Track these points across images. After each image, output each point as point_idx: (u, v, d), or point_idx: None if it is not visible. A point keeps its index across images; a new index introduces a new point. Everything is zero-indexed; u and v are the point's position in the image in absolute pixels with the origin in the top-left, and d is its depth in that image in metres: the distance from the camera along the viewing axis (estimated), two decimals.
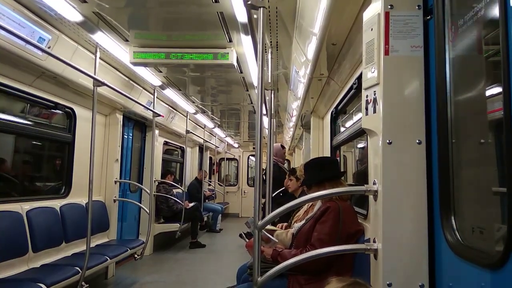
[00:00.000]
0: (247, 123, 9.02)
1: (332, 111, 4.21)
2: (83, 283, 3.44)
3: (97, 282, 4.62)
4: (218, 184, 12.69)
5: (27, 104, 3.92)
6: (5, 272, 3.14)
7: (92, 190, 3.65)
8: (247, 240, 4.94)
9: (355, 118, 3.71)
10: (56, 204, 4.07)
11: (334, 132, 4.29)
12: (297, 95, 4.67)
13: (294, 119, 6.13)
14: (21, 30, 2.94)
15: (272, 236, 2.59)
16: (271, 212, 3.57)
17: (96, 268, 3.76)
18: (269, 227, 2.71)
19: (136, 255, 4.92)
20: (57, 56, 3.10)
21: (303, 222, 2.45)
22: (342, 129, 4.08)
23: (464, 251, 1.20)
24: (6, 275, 3.11)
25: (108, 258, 3.99)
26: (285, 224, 3.00)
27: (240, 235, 5.78)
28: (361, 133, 2.90)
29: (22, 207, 3.52)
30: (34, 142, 4.41)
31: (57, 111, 4.32)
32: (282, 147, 5.62)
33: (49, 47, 3.30)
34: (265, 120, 5.55)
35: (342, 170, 4.02)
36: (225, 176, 13.45)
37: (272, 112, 4.31)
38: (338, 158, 4.16)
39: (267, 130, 4.60)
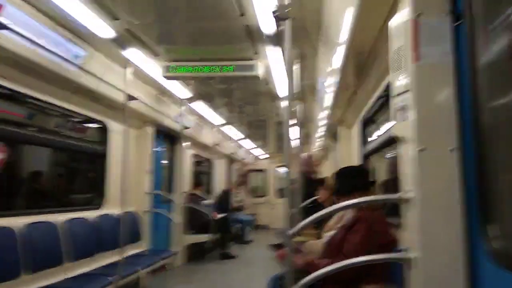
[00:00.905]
0: (275, 134, 9.05)
1: (361, 120, 4.17)
2: None
3: None
4: (247, 195, 12.73)
5: (64, 119, 4.10)
6: (42, 282, 3.24)
7: (124, 202, 3.76)
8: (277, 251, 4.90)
9: (385, 127, 3.67)
10: (90, 215, 4.20)
11: (363, 141, 4.24)
12: (324, 105, 4.67)
13: (321, 129, 6.11)
14: (58, 48, 3.10)
15: (303, 246, 2.58)
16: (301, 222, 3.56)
17: (129, 278, 3.84)
18: (299, 238, 2.70)
19: (168, 265, 4.99)
20: (91, 72, 3.24)
21: (334, 231, 2.43)
22: (372, 138, 4.03)
23: (507, 261, 1.16)
24: (43, 285, 3.22)
25: (141, 268, 4.08)
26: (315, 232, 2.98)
27: (270, 246, 5.75)
28: (392, 141, 2.86)
29: (58, 218, 3.65)
30: (69, 155, 4.59)
31: (91, 125, 4.49)
32: (310, 157, 5.60)
33: (83, 64, 3.45)
34: (293, 131, 5.57)
35: (372, 180, 3.97)
36: (253, 187, 13.47)
37: (300, 123, 4.32)
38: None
39: (294, 141, 4.60)
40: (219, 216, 7.63)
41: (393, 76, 1.63)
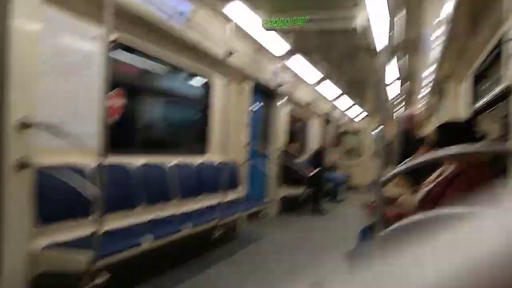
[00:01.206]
0: (373, 94, 8.68)
1: (471, 74, 3.81)
2: (217, 229, 3.91)
3: (229, 233, 5.13)
4: (341, 156, 12.58)
5: (173, 73, 4.47)
6: (153, 214, 3.69)
7: (224, 151, 4.07)
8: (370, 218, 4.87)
9: (500, 81, 3.31)
10: (196, 160, 4.61)
11: (473, 98, 3.89)
12: (431, 59, 4.34)
13: (426, 86, 5.71)
14: (165, 5, 3.35)
15: (397, 200, 2.55)
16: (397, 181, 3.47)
17: (228, 218, 4.19)
18: (394, 192, 2.67)
19: (262, 214, 5.31)
20: (195, 27, 3.46)
21: (431, 186, 2.35)
22: (484, 94, 3.68)
23: None
24: (154, 217, 3.68)
25: (239, 211, 4.42)
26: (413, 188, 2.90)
27: (362, 205, 5.70)
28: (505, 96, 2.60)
29: (169, 160, 4.09)
30: (177, 112, 5.02)
31: (196, 79, 4.83)
32: (412, 116, 5.30)
33: (188, 19, 3.68)
34: (394, 88, 5.30)
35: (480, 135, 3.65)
36: (348, 149, 13.25)
37: (402, 80, 4.11)
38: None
39: (395, 99, 4.41)
40: (313, 172, 7.74)
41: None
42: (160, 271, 3.52)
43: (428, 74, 4.95)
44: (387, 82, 1.73)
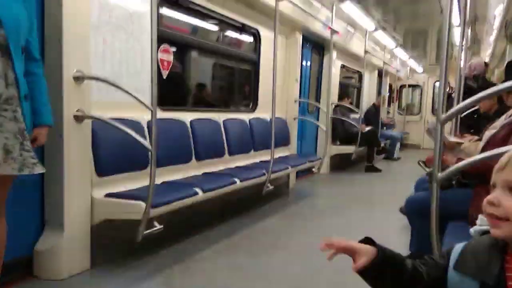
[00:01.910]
0: (435, 41, 8.02)
1: None
2: (269, 184, 3.94)
3: (280, 189, 5.17)
4: (398, 112, 12.03)
5: (222, 26, 4.40)
6: (207, 169, 3.76)
7: (275, 107, 4.00)
8: (426, 169, 4.65)
9: None
10: (246, 117, 4.60)
11: None
12: None
13: (495, 29, 5.17)
14: None
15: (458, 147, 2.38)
16: (459, 133, 3.24)
17: (279, 173, 4.20)
18: (454, 139, 2.49)
19: (314, 169, 5.26)
20: None
21: (496, 130, 2.15)
22: None
23: None
24: (208, 171, 3.76)
25: (289, 166, 4.40)
26: (475, 137, 2.69)
27: (419, 163, 5.45)
28: None
29: (220, 116, 4.11)
30: (226, 68, 4.99)
31: (245, 32, 4.72)
32: (486, 64, 4.85)
33: None
34: (457, 32, 4.85)
35: None
36: (406, 105, 12.62)
37: (466, 21, 3.72)
38: None
39: (459, 47, 4.02)
40: (367, 128, 7.49)
41: None
42: (213, 224, 3.63)
43: (497, 14, 4.45)
44: (453, 24, 1.53)
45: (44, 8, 2.34)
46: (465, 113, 4.07)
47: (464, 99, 3.63)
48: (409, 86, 12.38)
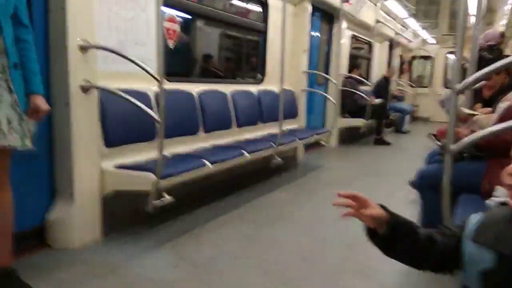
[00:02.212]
0: (448, 10, 7.78)
1: None
2: (277, 157, 3.92)
3: (289, 162, 5.16)
4: (409, 84, 11.81)
5: None
6: (214, 141, 3.74)
7: (283, 79, 3.92)
8: (438, 142, 4.58)
9: None
10: (254, 89, 4.54)
11: None
12: None
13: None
14: None
15: (471, 120, 2.32)
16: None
17: (287, 146, 4.17)
18: (467, 111, 2.43)
19: (322, 142, 5.23)
20: None
21: (510, 102, 2.09)
22: None
23: None
24: (216, 143, 3.74)
25: (298, 139, 4.37)
26: (488, 109, 2.63)
27: (429, 135, 5.38)
28: None
29: (228, 88, 4.06)
30: (234, 38, 4.88)
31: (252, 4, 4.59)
32: (502, 34, 4.67)
33: None
34: (471, 1, 4.67)
35: None
36: (417, 76, 12.36)
37: None
38: None
39: (472, 17, 3.87)
40: (377, 101, 7.37)
41: None
42: (221, 196, 3.65)
43: None
44: None
45: None
46: (476, 85, 3.99)
47: (478, 70, 3.54)
48: (421, 57, 12.09)
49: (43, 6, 2.30)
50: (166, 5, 3.06)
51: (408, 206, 3.60)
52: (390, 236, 0.89)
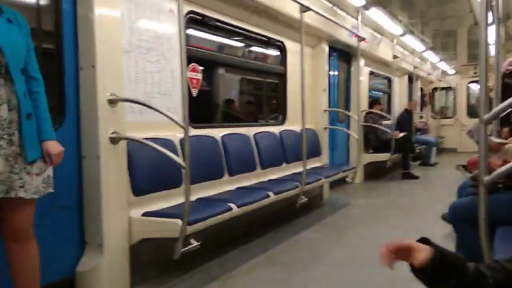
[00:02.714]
0: (466, 41, 7.79)
1: None
2: (302, 196, 3.88)
3: (314, 201, 5.09)
4: (431, 116, 11.67)
5: (248, 41, 4.43)
6: (240, 183, 3.77)
7: (304, 118, 3.96)
8: (467, 174, 4.45)
9: None
10: (276, 130, 4.59)
11: None
12: None
13: None
14: None
15: (502, 148, 2.26)
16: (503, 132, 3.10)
17: (312, 185, 4.13)
18: (498, 140, 2.37)
19: (348, 179, 5.16)
20: None
21: None
22: None
23: None
24: (242, 185, 3.76)
25: (323, 177, 4.33)
26: None
27: (458, 166, 5.23)
28: None
29: (250, 131, 4.12)
30: (254, 82, 5.01)
31: (271, 46, 4.74)
32: None
33: None
34: (490, 31, 4.69)
35: None
36: (440, 108, 12.24)
37: (500, 18, 3.58)
38: None
39: (492, 46, 3.86)
40: (401, 135, 7.29)
41: None
42: (249, 238, 3.61)
43: None
44: (485, 22, 1.46)
45: (77, 36, 2.44)
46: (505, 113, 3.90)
47: (503, 97, 3.48)
48: (442, 88, 12.01)
49: (74, 64, 2.45)
50: (189, 56, 3.20)
51: (442, 242, 3.44)
52: (436, 271, 0.85)
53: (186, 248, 2.48)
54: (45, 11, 2.45)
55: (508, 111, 3.65)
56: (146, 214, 2.65)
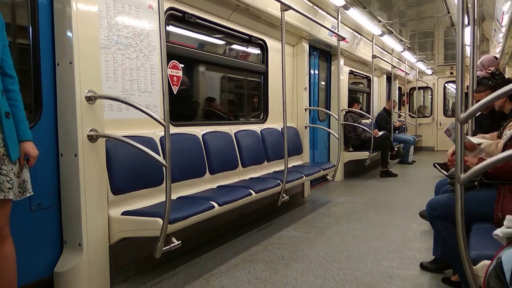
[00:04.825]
0: (443, 42, 7.98)
1: None
2: (284, 194, 3.89)
3: (295, 199, 5.12)
4: (409, 115, 11.91)
5: (229, 39, 4.42)
6: (221, 181, 3.76)
7: (285, 117, 3.98)
8: (443, 172, 4.55)
9: None
10: (257, 128, 4.59)
11: None
12: None
13: (504, 27, 5.10)
14: None
15: (478, 147, 2.32)
16: (476, 137, 3.19)
17: (294, 183, 4.15)
18: (474, 140, 2.43)
19: (328, 177, 5.21)
20: None
21: None
22: None
23: None
24: (223, 184, 3.74)
25: (304, 175, 4.36)
26: (494, 133, 2.63)
27: (434, 165, 5.36)
28: None
29: (231, 129, 4.11)
30: (235, 80, 4.99)
31: (252, 44, 4.73)
32: (496, 58, 4.75)
33: None
34: (466, 32, 4.80)
35: None
36: (418, 107, 12.52)
37: (476, 20, 3.68)
38: None
39: (468, 47, 3.96)
40: (380, 133, 7.42)
41: None
42: (230, 236, 3.60)
43: (506, 10, 4.40)
44: (462, 23, 1.49)
45: (54, 31, 2.38)
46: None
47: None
48: (419, 88, 12.28)
49: (51, 60, 2.39)
50: (170, 53, 3.16)
51: (421, 237, 3.53)
52: None
53: (168, 247, 2.45)
54: (20, 5, 2.39)
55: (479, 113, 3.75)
56: (125, 213, 2.61)
